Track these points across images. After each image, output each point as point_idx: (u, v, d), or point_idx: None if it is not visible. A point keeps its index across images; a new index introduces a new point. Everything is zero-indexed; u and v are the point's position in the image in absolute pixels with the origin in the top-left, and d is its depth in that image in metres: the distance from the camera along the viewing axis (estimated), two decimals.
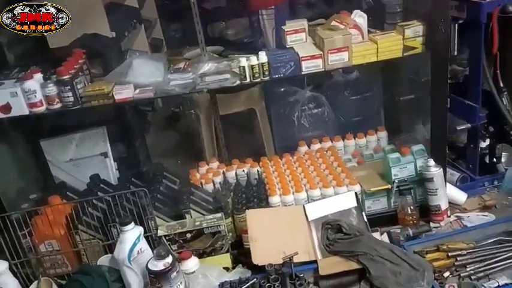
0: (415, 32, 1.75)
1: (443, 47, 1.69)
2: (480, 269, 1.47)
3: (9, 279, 1.70)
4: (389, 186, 1.88)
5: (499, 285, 1.40)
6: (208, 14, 3.49)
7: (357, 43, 1.79)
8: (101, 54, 2.01)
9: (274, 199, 1.88)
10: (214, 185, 2.08)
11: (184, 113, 3.03)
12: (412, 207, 1.84)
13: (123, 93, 1.69)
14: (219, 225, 1.74)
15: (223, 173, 2.14)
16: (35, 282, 1.74)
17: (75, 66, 1.71)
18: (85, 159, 2.22)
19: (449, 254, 1.53)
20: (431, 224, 1.82)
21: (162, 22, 3.78)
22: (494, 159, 2.06)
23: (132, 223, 1.62)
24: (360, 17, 1.85)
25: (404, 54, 1.77)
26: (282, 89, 2.46)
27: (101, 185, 2.07)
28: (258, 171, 2.09)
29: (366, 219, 1.68)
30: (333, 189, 1.86)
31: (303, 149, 2.25)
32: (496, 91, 1.88)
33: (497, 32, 1.81)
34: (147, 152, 2.58)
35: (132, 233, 1.62)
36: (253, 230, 1.64)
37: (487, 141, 2.09)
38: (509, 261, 1.47)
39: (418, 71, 2.24)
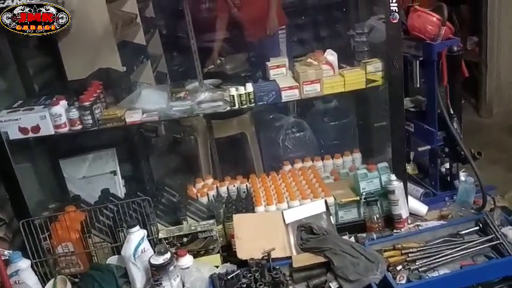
0: (375, 67, 2.09)
1: (398, 80, 2.03)
2: (427, 263, 1.74)
3: (30, 275, 1.93)
4: (358, 198, 2.18)
5: (439, 275, 1.68)
6: (208, 50, 3.88)
7: (328, 76, 2.13)
8: (113, 85, 2.35)
9: (260, 208, 2.17)
10: (208, 197, 2.38)
11: (185, 138, 3.37)
12: (377, 216, 2.12)
13: (133, 117, 2.03)
14: (212, 230, 2.03)
15: (217, 187, 2.43)
16: (52, 280, 1.98)
17: (94, 95, 2.05)
18: (96, 177, 2.51)
19: (403, 251, 1.80)
20: (394, 231, 2.10)
21: (167, 57, 4.18)
22: (451, 177, 2.37)
23: (138, 226, 1.91)
24: (331, 55, 2.21)
25: (367, 86, 2.12)
26: (270, 116, 2.81)
27: (110, 198, 2.37)
28: (246, 186, 2.40)
29: (333, 222, 1.98)
30: (310, 200, 2.16)
31: (287, 167, 2.55)
32: (448, 117, 2.21)
33: (446, 68, 2.17)
34: (150, 171, 2.91)
35: (137, 234, 1.91)
36: (239, 230, 1.93)
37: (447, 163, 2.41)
38: (451, 256, 1.76)
39: (387, 101, 2.58)
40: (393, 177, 2.11)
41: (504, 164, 3.17)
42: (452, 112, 2.22)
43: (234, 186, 2.42)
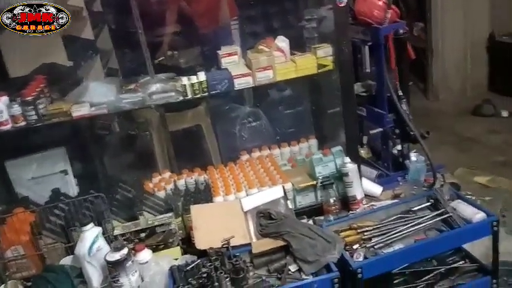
0: (325, 52, 2.13)
1: (348, 65, 2.07)
2: (382, 240, 1.78)
3: None
4: (314, 182, 2.21)
5: (394, 250, 1.74)
6: (159, 43, 3.80)
7: (280, 63, 2.14)
8: (59, 80, 2.26)
9: (218, 199, 2.15)
10: (166, 191, 2.34)
11: (139, 134, 3.28)
12: (334, 199, 2.15)
13: (81, 111, 1.96)
14: (170, 223, 2.00)
15: (174, 181, 2.39)
16: (2, 286, 1.90)
17: (36, 89, 1.96)
18: (46, 177, 2.40)
19: (359, 230, 1.84)
20: (350, 212, 2.14)
21: (117, 52, 4.04)
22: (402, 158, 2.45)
23: (91, 223, 1.86)
24: (282, 42, 2.22)
25: (319, 71, 2.15)
26: (226, 107, 2.79)
27: (62, 198, 2.28)
28: (204, 178, 2.37)
29: (290, 207, 2.00)
30: (268, 188, 2.17)
31: (245, 157, 2.54)
32: (397, 99, 2.28)
33: (394, 51, 2.23)
34: (105, 169, 2.82)
35: (91, 232, 1.85)
36: (197, 221, 1.91)
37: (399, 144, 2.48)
38: (405, 232, 1.81)
39: (339, 87, 2.63)
40: (347, 160, 2.15)
41: (452, 145, 3.32)
42: (401, 94, 2.28)
43: (192, 178, 2.39)
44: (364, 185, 2.26)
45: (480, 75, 4.25)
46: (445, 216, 1.83)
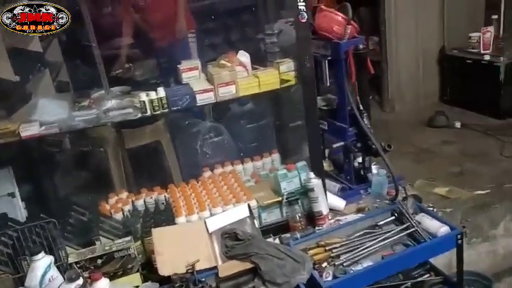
0: (288, 67, 2.10)
1: (310, 79, 2.05)
2: (350, 257, 1.77)
3: None
4: (280, 198, 2.17)
5: (362, 268, 1.72)
6: (114, 56, 3.66)
7: (242, 78, 2.10)
8: (5, 97, 2.10)
9: (181, 219, 2.06)
10: (123, 213, 2.21)
11: (93, 151, 3.12)
12: (300, 215, 2.13)
13: (30, 130, 1.81)
14: (129, 248, 1.89)
15: (132, 201, 2.28)
16: None
17: None
18: None
19: (327, 248, 1.82)
20: (316, 228, 2.12)
21: (68, 65, 3.86)
22: (364, 171, 2.46)
23: (42, 252, 1.72)
24: (243, 56, 2.18)
25: (282, 86, 2.12)
26: (186, 122, 2.71)
27: (9, 223, 2.11)
28: (165, 197, 2.27)
29: (257, 226, 1.94)
30: (233, 206, 2.10)
31: (207, 174, 2.47)
32: (358, 113, 2.29)
33: (354, 65, 2.24)
34: (56, 190, 2.65)
35: (42, 262, 1.71)
36: (159, 245, 1.81)
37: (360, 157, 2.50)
38: (372, 248, 1.80)
39: (300, 100, 2.62)
40: (312, 175, 2.13)
41: (410, 157, 3.39)
42: (361, 108, 2.30)
43: (152, 198, 2.28)
44: (328, 199, 2.25)
45: (432, 87, 4.40)
46: (411, 230, 1.84)
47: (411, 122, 4.08)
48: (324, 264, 1.76)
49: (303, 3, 1.92)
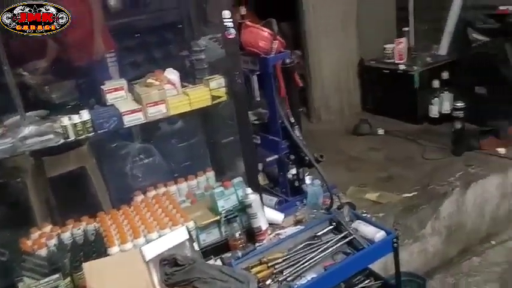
0: (218, 83, 2.08)
1: (241, 95, 2.05)
2: (293, 272, 1.76)
3: None
4: (218, 217, 2.11)
5: (307, 281, 1.71)
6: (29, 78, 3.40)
7: (172, 96, 2.03)
8: None
9: (114, 249, 1.93)
10: (48, 248, 2.03)
11: (9, 183, 2.86)
12: (239, 233, 2.08)
13: None
14: (57, 287, 1.73)
15: (58, 234, 2.10)
16: None
17: None
18: None
19: (269, 264, 1.79)
20: (257, 244, 2.09)
21: None
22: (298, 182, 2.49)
23: None
24: (172, 74, 2.12)
25: (213, 102, 2.09)
26: (113, 144, 2.57)
27: None
28: (95, 226, 2.12)
29: (197, 248, 1.87)
30: (169, 229, 2.00)
31: (139, 198, 2.35)
32: (290, 126, 2.32)
33: (282, 79, 2.27)
34: None
35: None
36: (92, 281, 1.67)
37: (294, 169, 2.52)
38: (314, 259, 1.81)
39: (232, 116, 2.61)
40: (249, 190, 2.11)
41: (340, 165, 3.51)
42: (293, 121, 2.33)
43: (79, 229, 2.11)
44: (266, 214, 2.24)
45: (355, 97, 4.64)
46: (349, 238, 1.88)
47: (337, 131, 4.25)
48: (268, 282, 1.74)
49: (229, 20, 1.92)
